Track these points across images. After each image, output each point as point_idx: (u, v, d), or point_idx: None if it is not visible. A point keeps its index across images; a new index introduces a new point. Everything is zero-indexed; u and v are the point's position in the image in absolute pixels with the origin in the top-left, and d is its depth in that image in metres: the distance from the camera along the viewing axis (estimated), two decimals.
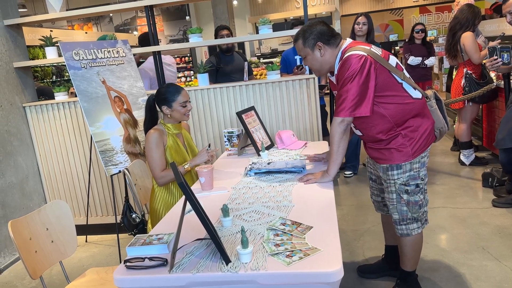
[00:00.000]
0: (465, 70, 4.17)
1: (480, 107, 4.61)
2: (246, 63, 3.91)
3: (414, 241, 2.20)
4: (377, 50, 2.02)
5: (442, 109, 2.22)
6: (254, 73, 5.76)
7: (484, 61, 4.04)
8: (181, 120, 2.54)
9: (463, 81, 4.18)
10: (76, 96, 3.48)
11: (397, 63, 2.05)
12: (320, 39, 2.05)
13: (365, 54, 1.94)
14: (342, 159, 2.10)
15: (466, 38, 4.05)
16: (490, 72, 4.19)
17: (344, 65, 1.96)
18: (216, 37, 4.19)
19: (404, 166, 2.06)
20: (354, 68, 1.92)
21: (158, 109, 2.58)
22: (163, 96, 2.47)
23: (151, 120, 2.59)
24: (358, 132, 2.17)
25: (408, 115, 2.03)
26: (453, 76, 4.55)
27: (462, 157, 4.48)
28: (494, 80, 4.22)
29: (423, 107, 2.08)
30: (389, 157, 2.07)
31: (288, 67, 4.36)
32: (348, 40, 2.11)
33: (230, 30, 4.23)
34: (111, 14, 13.27)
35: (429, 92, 2.21)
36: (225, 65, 4.18)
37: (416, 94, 2.06)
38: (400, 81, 2.01)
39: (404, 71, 2.07)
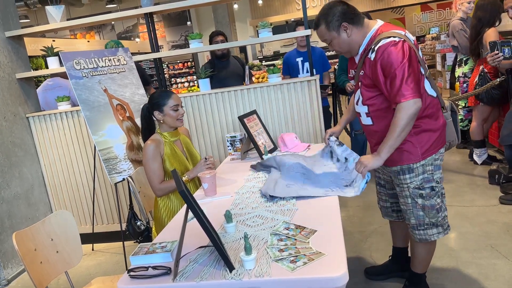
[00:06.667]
0: (481, 67, 4.00)
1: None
2: (246, 67, 3.90)
3: (430, 245, 2.16)
4: (411, 37, 1.94)
5: (456, 122, 2.17)
6: (256, 76, 5.74)
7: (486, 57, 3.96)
8: (174, 125, 2.49)
9: (476, 78, 4.07)
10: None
11: (422, 55, 2.00)
12: (344, 19, 1.91)
13: (402, 39, 1.85)
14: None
15: (489, 34, 3.85)
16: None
17: (383, 55, 1.84)
18: (210, 43, 4.15)
19: (416, 169, 2.00)
20: (397, 54, 1.81)
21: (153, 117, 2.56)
22: (154, 101, 2.45)
23: (147, 128, 2.58)
24: (368, 121, 2.05)
25: (421, 112, 1.93)
26: (456, 74, 4.49)
27: (474, 156, 4.34)
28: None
29: (435, 107, 2.02)
30: (398, 159, 2.01)
31: (290, 69, 4.35)
32: (379, 22, 1.98)
33: (225, 35, 4.17)
34: (113, 22, 13.37)
35: (446, 103, 2.14)
36: (220, 71, 4.11)
37: (432, 92, 2.00)
38: (423, 73, 1.95)
39: (426, 66, 2.03)
